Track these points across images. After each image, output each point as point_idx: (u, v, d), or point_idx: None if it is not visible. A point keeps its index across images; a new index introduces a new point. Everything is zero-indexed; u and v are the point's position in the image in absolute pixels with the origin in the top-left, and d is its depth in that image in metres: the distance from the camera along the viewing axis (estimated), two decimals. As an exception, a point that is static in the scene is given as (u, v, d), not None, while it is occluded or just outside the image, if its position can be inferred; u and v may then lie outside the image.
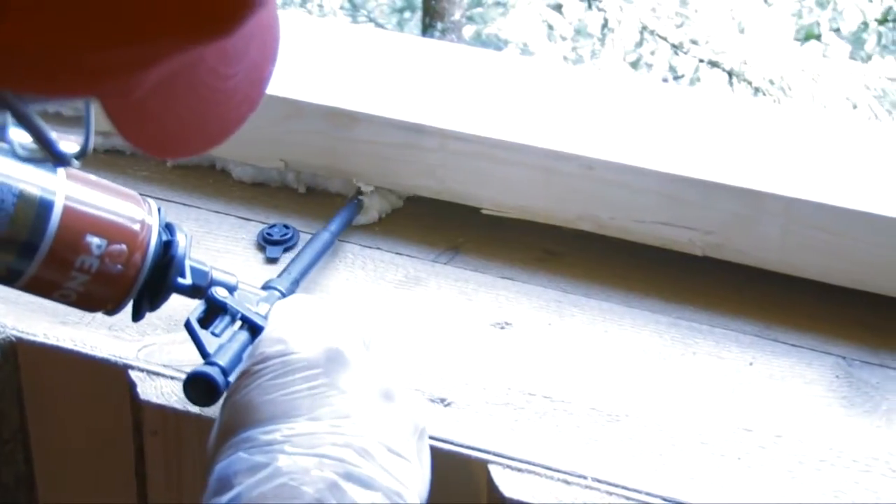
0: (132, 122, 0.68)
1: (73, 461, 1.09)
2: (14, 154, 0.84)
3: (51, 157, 0.71)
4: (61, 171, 0.89)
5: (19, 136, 0.84)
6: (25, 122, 0.65)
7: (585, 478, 0.94)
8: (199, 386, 0.90)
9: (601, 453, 0.96)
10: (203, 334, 0.93)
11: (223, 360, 0.91)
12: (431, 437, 0.96)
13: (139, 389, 1.00)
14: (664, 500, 0.93)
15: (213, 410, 0.94)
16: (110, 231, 0.89)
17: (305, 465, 0.80)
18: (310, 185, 1.24)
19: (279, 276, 1.04)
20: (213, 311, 0.95)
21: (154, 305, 0.95)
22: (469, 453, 0.96)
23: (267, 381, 0.85)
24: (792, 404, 1.02)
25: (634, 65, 4.22)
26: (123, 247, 0.89)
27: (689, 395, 1.02)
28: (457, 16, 5.64)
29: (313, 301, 0.94)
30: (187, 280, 0.94)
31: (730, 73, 4.07)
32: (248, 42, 0.71)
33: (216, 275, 0.96)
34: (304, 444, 0.81)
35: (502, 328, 1.08)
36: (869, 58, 4.49)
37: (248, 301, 0.96)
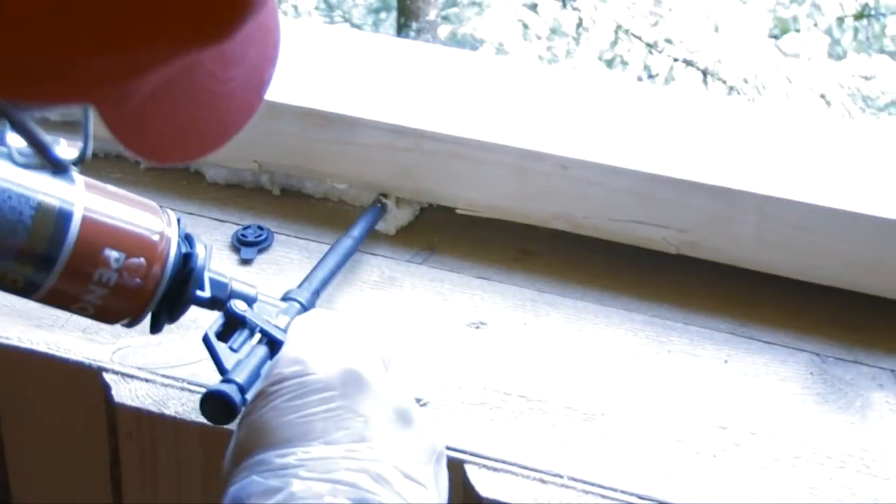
0: (130, 128, 0.67)
1: (48, 464, 1.08)
2: (12, 160, 0.82)
3: (47, 163, 0.70)
4: (80, 181, 0.87)
5: (17, 143, 0.82)
6: (21, 130, 0.64)
7: (561, 477, 0.94)
8: (215, 404, 0.88)
9: (577, 452, 0.96)
10: (221, 349, 0.91)
11: (241, 377, 0.88)
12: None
13: (113, 392, 1.00)
14: (640, 498, 0.93)
15: (193, 415, 0.95)
16: (129, 244, 0.87)
17: (319, 490, 0.78)
18: (284, 186, 1.24)
19: (299, 286, 1.02)
20: (232, 325, 0.92)
21: (173, 318, 0.93)
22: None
23: (283, 402, 0.83)
24: (766, 401, 1.02)
25: (609, 64, 4.23)
26: (142, 260, 0.88)
27: (664, 393, 1.02)
28: (432, 15, 5.63)
29: (332, 318, 0.92)
30: (206, 292, 0.92)
31: (704, 72, 4.08)
32: (247, 45, 0.70)
33: (236, 286, 0.94)
34: (319, 468, 0.79)
35: (478, 328, 1.08)
36: (845, 53, 4.50)
37: (267, 313, 0.94)
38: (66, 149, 0.79)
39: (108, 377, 1.01)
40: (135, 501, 1.04)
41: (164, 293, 0.90)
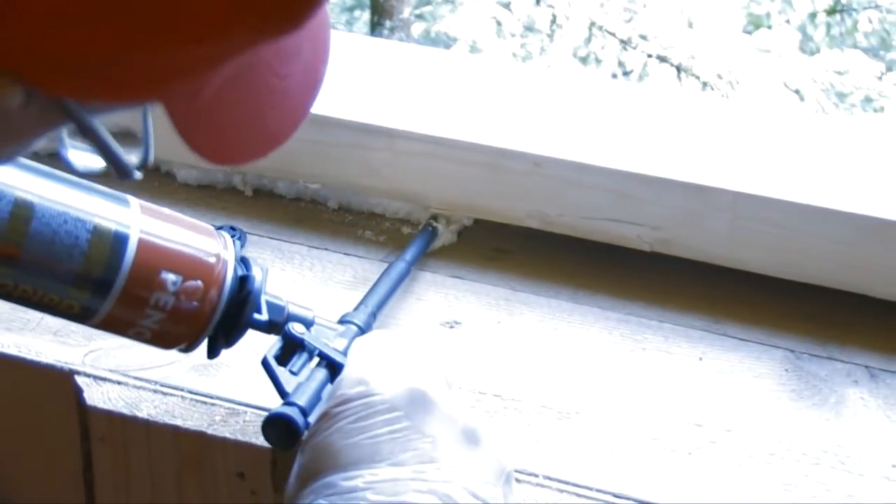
0: (196, 128, 0.65)
1: (21, 467, 1.08)
2: (72, 169, 0.79)
3: (115, 169, 0.65)
4: (134, 203, 0.86)
5: (77, 152, 0.80)
6: (90, 134, 0.61)
7: (536, 476, 0.94)
8: (278, 427, 0.86)
9: (552, 451, 0.96)
10: (281, 372, 0.89)
11: (302, 400, 0.87)
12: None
13: (85, 395, 0.99)
14: (616, 496, 0.93)
15: (166, 418, 0.94)
16: (186, 267, 0.86)
17: None
18: (256, 186, 1.23)
19: (355, 308, 1.01)
20: (290, 348, 0.91)
21: (230, 342, 0.91)
22: (419, 453, 0.95)
23: (348, 423, 0.82)
24: (741, 398, 1.02)
25: (584, 60, 4.23)
26: (199, 283, 0.86)
27: (639, 392, 1.02)
28: (405, 13, 5.63)
29: (394, 338, 0.91)
30: (263, 316, 0.91)
31: (678, 68, 4.08)
32: (303, 40, 0.68)
33: (292, 309, 0.93)
34: (387, 490, 0.78)
35: (452, 327, 1.08)
36: (817, 49, 4.51)
37: (324, 336, 0.93)
38: (87, 157, 0.77)
39: (80, 380, 1.00)
40: (108, 502, 1.03)
41: (221, 317, 0.88)
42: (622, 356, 1.06)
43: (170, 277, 0.85)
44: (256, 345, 0.93)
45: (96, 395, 0.99)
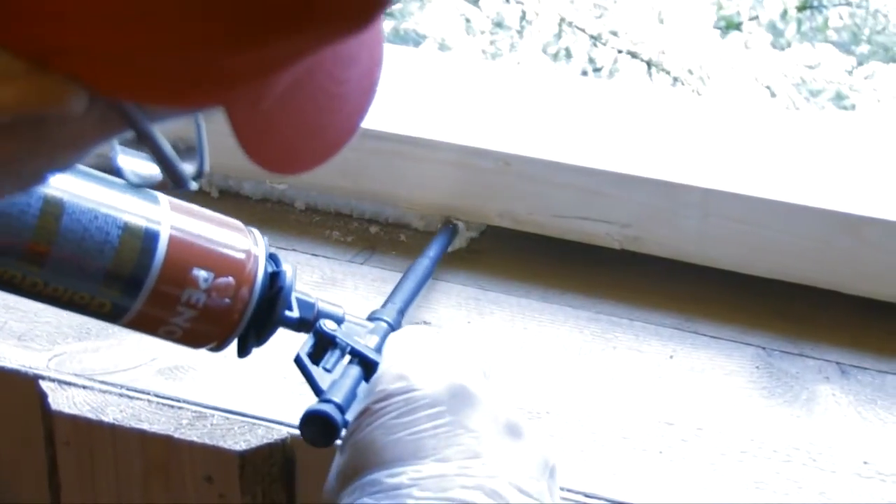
0: (256, 135, 0.63)
1: (-13, 474, 1.07)
2: (125, 180, 0.77)
3: (171, 178, 0.63)
4: (164, 200, 0.84)
5: (129, 161, 0.78)
6: (148, 141, 0.59)
7: (507, 476, 0.93)
8: (316, 425, 0.84)
9: (522, 451, 0.96)
10: (315, 370, 0.88)
11: (339, 397, 0.85)
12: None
13: (50, 400, 0.98)
14: (587, 496, 0.93)
15: (132, 422, 0.93)
16: (217, 263, 0.84)
17: None
18: (222, 187, 1.23)
19: (383, 306, 1.00)
20: (322, 345, 0.90)
21: (260, 340, 0.89)
22: (389, 455, 0.95)
23: (390, 419, 0.80)
24: (713, 396, 1.02)
25: (554, 57, 4.23)
26: (231, 280, 0.84)
27: (610, 390, 1.02)
28: (375, 11, 5.59)
29: (429, 333, 0.90)
30: (294, 313, 0.89)
31: (648, 64, 4.08)
32: (360, 44, 0.66)
33: (322, 306, 0.91)
34: (433, 487, 0.77)
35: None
36: (788, 45, 4.52)
37: (355, 333, 0.91)
38: (142, 166, 0.75)
39: (44, 384, 0.99)
40: (75, 509, 1.02)
41: (253, 314, 0.86)
42: (593, 355, 1.05)
43: (201, 274, 0.83)
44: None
45: (61, 400, 0.98)
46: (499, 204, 1.15)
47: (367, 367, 0.88)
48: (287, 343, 0.89)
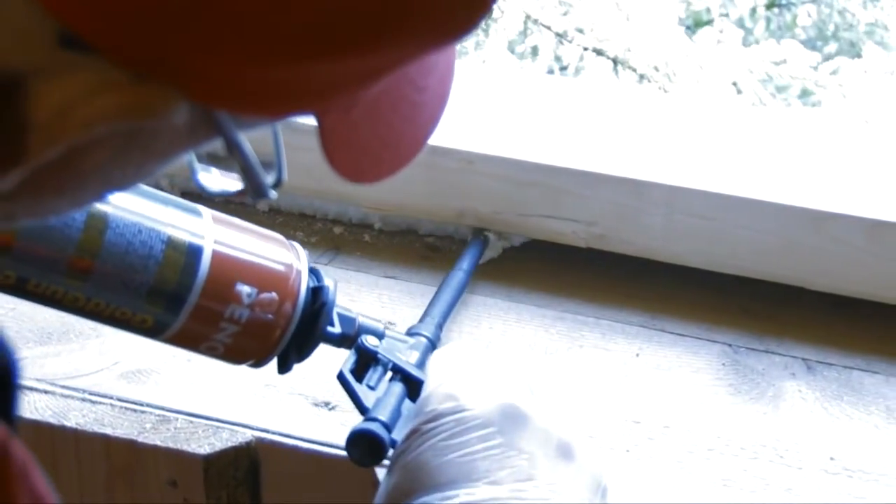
0: (340, 144, 0.61)
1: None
2: (202, 190, 0.72)
3: (252, 188, 0.61)
4: (207, 214, 0.83)
5: (206, 173, 0.74)
6: (236, 151, 0.57)
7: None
8: (363, 444, 0.83)
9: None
10: (358, 388, 0.87)
11: (384, 415, 0.84)
12: (315, 442, 0.94)
13: (12, 405, 0.97)
14: (554, 496, 0.92)
15: (94, 427, 0.92)
16: (260, 278, 0.83)
17: None
18: (184, 189, 1.21)
19: (421, 321, 0.99)
20: (365, 362, 0.89)
21: (302, 356, 0.88)
22: (355, 457, 0.94)
23: (440, 441, 0.78)
24: (679, 394, 1.02)
25: (520, 55, 4.23)
26: (274, 295, 0.83)
27: (577, 389, 1.01)
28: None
29: (473, 349, 0.88)
30: (336, 328, 0.88)
31: (614, 61, 4.08)
32: (439, 51, 0.64)
33: (363, 321, 0.90)
34: None
35: (386, 328, 1.06)
36: (757, 43, 4.53)
37: (396, 349, 0.90)
38: (219, 178, 0.73)
39: (6, 390, 0.98)
40: (38, 516, 1.01)
41: (295, 330, 0.85)
42: (559, 354, 1.05)
43: (244, 289, 0.82)
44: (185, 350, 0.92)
45: (22, 405, 0.97)
46: (462, 203, 1.14)
47: (410, 383, 0.87)
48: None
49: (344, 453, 0.93)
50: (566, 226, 1.13)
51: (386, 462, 0.83)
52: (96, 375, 0.99)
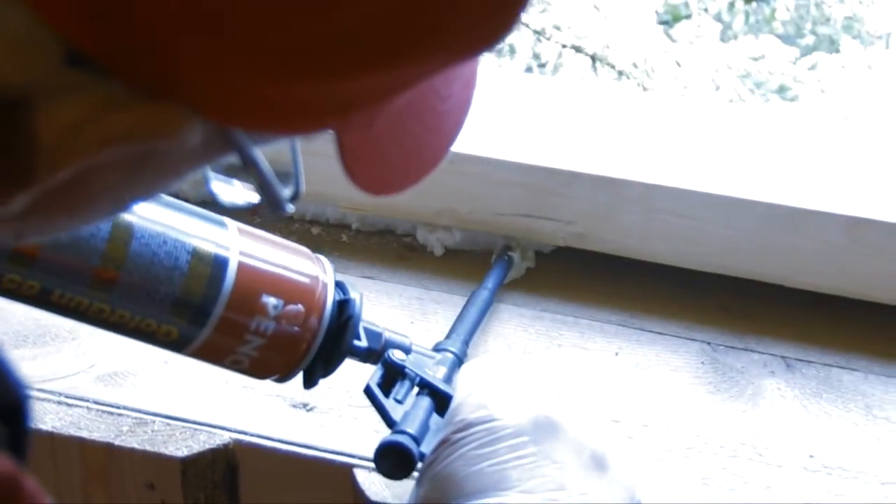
0: (360, 158, 0.59)
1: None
2: (218, 203, 0.69)
3: (269, 202, 0.59)
4: (232, 225, 0.82)
5: (221, 186, 0.71)
6: (251, 167, 0.55)
7: (453, 477, 0.93)
8: (391, 457, 0.82)
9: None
10: (386, 401, 0.86)
11: (412, 428, 0.83)
12: (293, 444, 0.94)
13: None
14: (533, 496, 0.92)
15: (70, 430, 0.91)
16: (286, 290, 0.82)
17: None
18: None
19: (448, 337, 0.98)
20: (392, 376, 0.88)
21: (328, 371, 0.87)
22: (333, 458, 0.94)
23: (471, 450, 0.78)
24: (659, 393, 1.02)
25: (498, 52, 4.22)
26: (300, 307, 0.82)
27: (555, 389, 1.01)
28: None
29: (503, 361, 0.87)
30: (363, 342, 0.87)
31: (593, 58, 4.08)
32: None
33: (389, 336, 0.89)
34: None
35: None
36: (736, 38, 4.53)
37: (422, 364, 0.90)
38: (242, 191, 0.72)
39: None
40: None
41: (321, 343, 0.84)
42: (538, 353, 1.05)
43: (270, 301, 0.81)
44: (161, 351, 0.91)
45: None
46: (440, 202, 1.14)
47: (438, 398, 0.86)
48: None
49: (322, 454, 0.94)
50: (544, 224, 1.12)
51: (415, 475, 0.82)
52: (73, 378, 0.99)
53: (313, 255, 0.86)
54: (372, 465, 0.93)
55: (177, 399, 0.98)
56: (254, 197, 0.63)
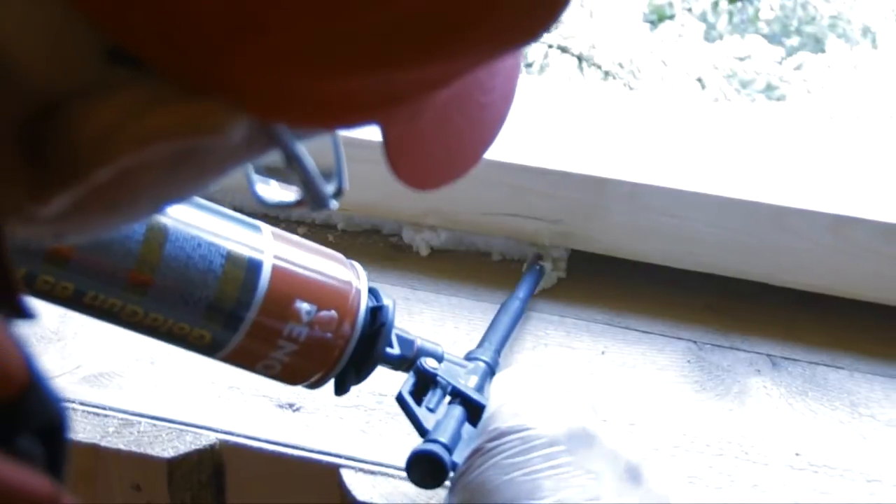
0: (405, 152, 0.58)
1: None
2: (259, 201, 0.69)
3: (312, 199, 0.58)
4: (266, 229, 0.81)
5: (263, 184, 0.70)
6: (296, 162, 0.54)
7: (440, 477, 0.92)
8: (423, 465, 0.82)
9: (454, 452, 0.95)
10: (418, 410, 0.85)
11: (444, 437, 0.83)
12: (280, 444, 0.94)
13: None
14: (519, 495, 0.92)
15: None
16: (320, 296, 0.81)
17: None
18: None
19: (479, 346, 0.97)
20: (423, 384, 0.87)
21: (360, 377, 0.86)
22: (319, 458, 0.94)
23: (504, 459, 0.77)
24: (645, 391, 1.02)
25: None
26: (333, 313, 0.81)
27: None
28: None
29: (537, 371, 0.87)
30: (395, 350, 0.87)
31: (579, 58, 4.09)
32: None
33: (421, 344, 0.89)
34: None
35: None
36: (720, 37, 4.54)
37: (454, 373, 0.89)
38: (278, 190, 0.72)
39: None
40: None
41: (354, 350, 0.83)
42: (525, 353, 1.05)
43: (304, 307, 0.80)
44: (147, 352, 0.91)
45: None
46: (426, 203, 1.14)
47: (470, 407, 0.86)
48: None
49: (309, 455, 0.94)
50: (530, 224, 1.12)
51: (447, 484, 0.82)
52: (58, 379, 0.98)
53: (347, 261, 0.85)
54: (358, 464, 0.93)
55: (163, 400, 0.98)
56: (293, 195, 0.62)
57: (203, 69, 0.45)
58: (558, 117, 1.19)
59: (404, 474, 0.90)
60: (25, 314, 0.46)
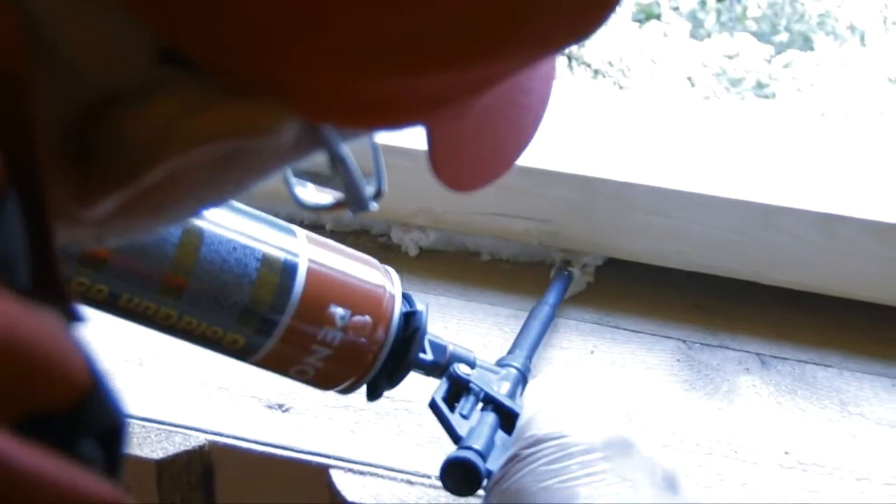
0: (448, 152, 0.57)
1: None
2: (298, 203, 0.67)
3: (353, 201, 0.57)
4: (301, 233, 0.81)
5: (301, 187, 0.68)
6: (339, 164, 0.53)
7: (429, 477, 0.93)
8: (457, 473, 0.81)
9: (445, 451, 0.94)
10: (451, 416, 0.85)
11: (479, 444, 0.82)
12: (269, 445, 0.94)
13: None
14: (509, 495, 0.92)
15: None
16: (354, 300, 0.81)
17: None
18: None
19: (510, 352, 0.97)
20: (456, 390, 0.87)
21: (393, 383, 0.86)
22: (308, 459, 0.94)
23: (541, 466, 0.76)
24: (634, 391, 1.01)
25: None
26: (367, 318, 0.81)
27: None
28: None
29: (572, 377, 0.86)
30: (428, 356, 0.86)
31: (569, 57, 4.09)
32: None
33: (454, 349, 0.88)
34: None
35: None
36: (708, 35, 4.54)
37: (487, 379, 0.89)
38: (315, 193, 0.71)
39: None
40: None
41: (387, 356, 0.83)
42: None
43: (338, 311, 0.80)
44: (135, 353, 0.91)
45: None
46: (415, 203, 1.14)
47: (503, 414, 0.86)
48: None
49: (298, 455, 0.94)
50: (519, 223, 1.12)
51: (481, 492, 0.81)
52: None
53: (381, 266, 0.85)
54: (347, 464, 0.93)
55: (151, 401, 0.97)
56: (332, 198, 0.62)
57: (253, 69, 0.45)
58: (548, 116, 1.19)
59: (394, 474, 0.91)
60: (77, 318, 0.46)
